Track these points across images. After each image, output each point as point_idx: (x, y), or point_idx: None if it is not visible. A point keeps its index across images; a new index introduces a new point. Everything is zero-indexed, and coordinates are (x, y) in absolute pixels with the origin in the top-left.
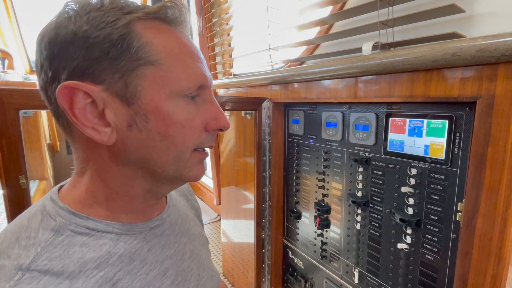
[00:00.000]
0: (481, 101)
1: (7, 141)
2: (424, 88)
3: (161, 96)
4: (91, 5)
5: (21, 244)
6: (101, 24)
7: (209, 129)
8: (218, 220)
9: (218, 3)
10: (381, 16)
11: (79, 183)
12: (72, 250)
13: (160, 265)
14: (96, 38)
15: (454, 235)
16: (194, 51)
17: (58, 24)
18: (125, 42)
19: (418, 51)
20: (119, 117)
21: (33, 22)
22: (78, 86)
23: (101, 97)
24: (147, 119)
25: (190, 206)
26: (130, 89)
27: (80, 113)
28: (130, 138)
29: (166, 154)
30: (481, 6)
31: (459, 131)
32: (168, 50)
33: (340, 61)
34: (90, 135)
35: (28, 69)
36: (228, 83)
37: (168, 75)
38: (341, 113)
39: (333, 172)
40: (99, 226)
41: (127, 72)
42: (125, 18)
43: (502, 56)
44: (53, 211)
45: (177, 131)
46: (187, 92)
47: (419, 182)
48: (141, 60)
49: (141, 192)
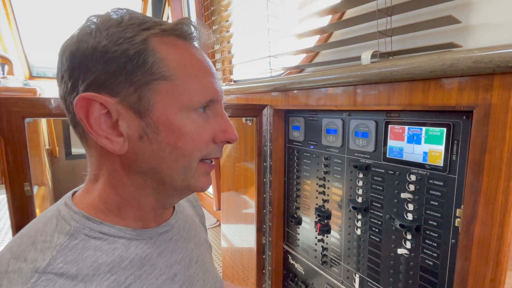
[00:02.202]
0: (477, 110)
1: (13, 149)
2: (422, 97)
3: (173, 110)
4: (112, 21)
5: (37, 247)
6: (119, 40)
7: (217, 141)
8: (217, 225)
9: (219, 11)
10: (380, 25)
11: (92, 189)
12: (86, 254)
13: (169, 270)
14: (114, 53)
15: (453, 241)
16: (207, 66)
17: (79, 38)
18: (140, 58)
19: (416, 61)
20: (132, 128)
21: (32, 28)
22: (94, 98)
23: (116, 108)
24: (158, 131)
25: (195, 212)
26: (143, 102)
27: (95, 123)
28: (141, 149)
29: (175, 165)
30: (477, 18)
31: (457, 138)
32: (181, 66)
33: (340, 70)
34: (103, 144)
35: (28, 75)
36: (229, 89)
37: (180, 90)
38: (341, 120)
39: (334, 178)
40: (111, 230)
41: (141, 86)
42: (142, 34)
43: (497, 67)
44: (67, 216)
45: (186, 143)
46: (197, 106)
47: (418, 188)
48: (155, 75)
49: (150, 202)
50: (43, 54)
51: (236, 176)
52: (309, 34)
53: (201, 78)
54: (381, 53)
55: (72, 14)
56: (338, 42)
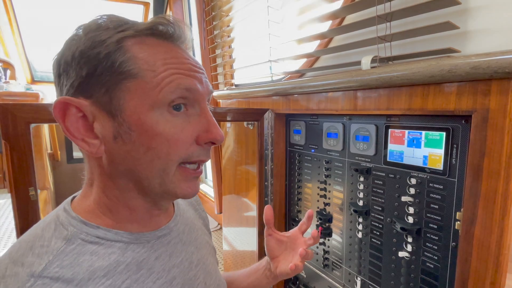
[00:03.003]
0: (476, 115)
1: (18, 154)
2: (421, 101)
3: (144, 108)
4: (92, 26)
5: (35, 252)
6: (94, 43)
7: (200, 141)
8: (218, 229)
9: (220, 16)
10: (379, 31)
11: (89, 193)
12: (82, 259)
13: (167, 274)
14: (88, 57)
15: (454, 243)
16: (185, 62)
17: (66, 46)
18: (110, 59)
19: (415, 67)
20: (106, 130)
21: (35, 32)
22: (69, 101)
23: (90, 111)
24: (131, 131)
25: (198, 215)
26: (114, 102)
27: (71, 126)
28: (116, 150)
29: (150, 167)
30: (475, 23)
31: (456, 142)
32: (151, 63)
33: (341, 74)
34: (81, 146)
35: (30, 79)
36: (230, 94)
37: (149, 87)
38: (342, 124)
39: (335, 181)
40: (108, 235)
41: (111, 86)
42: (115, 36)
43: (495, 73)
44: (65, 221)
45: (161, 144)
46: (167, 102)
47: (419, 192)
48: (124, 74)
49: (139, 204)
50: (45, 59)
51: (237, 180)
52: (310, 39)
53: (174, 74)
54: (380, 58)
55: (74, 18)
56: (338, 47)
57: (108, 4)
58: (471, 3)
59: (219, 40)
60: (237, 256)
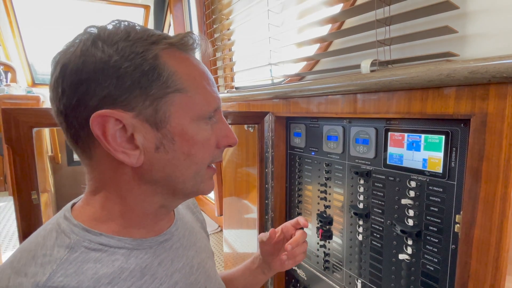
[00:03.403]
0: (474, 119)
1: (20, 158)
2: (421, 105)
3: (186, 120)
4: (118, 35)
5: (37, 262)
6: (131, 55)
7: (220, 145)
8: (219, 231)
9: (220, 19)
10: (379, 35)
11: (93, 201)
12: (86, 266)
13: (169, 279)
14: (127, 68)
15: (453, 246)
16: (209, 76)
17: (83, 52)
18: (155, 72)
19: (414, 71)
20: (148, 140)
21: (36, 35)
22: (111, 114)
23: (131, 123)
24: (174, 141)
25: (195, 218)
26: (159, 115)
27: (112, 139)
28: (157, 159)
29: (188, 172)
30: (473, 28)
31: (455, 146)
32: (191, 78)
33: (340, 78)
34: (121, 159)
35: (31, 82)
36: (231, 97)
37: (192, 101)
38: (342, 127)
39: (335, 184)
40: (111, 242)
41: (157, 99)
42: (152, 48)
43: (493, 78)
44: (67, 229)
45: (198, 150)
46: (207, 115)
47: (419, 195)
48: (170, 88)
49: (155, 208)
50: (46, 61)
51: (237, 182)
52: (310, 42)
53: (208, 89)
54: (380, 61)
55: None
56: (338, 50)
57: (109, 7)
58: (469, 7)
59: (220, 43)
60: (238, 258)
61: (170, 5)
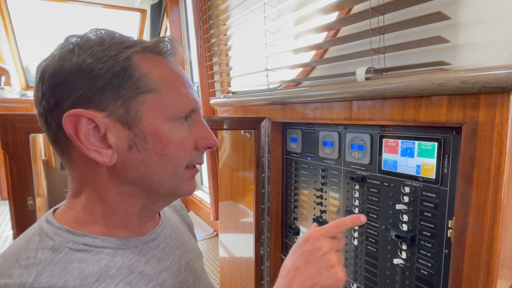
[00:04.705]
0: (466, 127)
1: (17, 164)
2: (414, 113)
3: (159, 120)
4: (93, 41)
5: (22, 264)
6: (104, 58)
7: (199, 147)
8: (214, 235)
9: (217, 25)
10: (373, 43)
11: (75, 204)
12: (71, 266)
13: (157, 277)
14: (100, 70)
15: (447, 251)
16: (185, 78)
17: (61, 57)
18: (126, 73)
19: (407, 80)
20: (120, 140)
21: (30, 39)
22: (82, 113)
23: (104, 122)
24: (146, 140)
25: (183, 221)
26: (131, 114)
27: (84, 137)
28: (130, 158)
29: (163, 172)
30: (464, 37)
31: (448, 152)
32: (164, 79)
33: (336, 86)
34: (93, 157)
35: (25, 85)
36: (227, 102)
37: (165, 101)
38: (337, 133)
39: (331, 189)
40: (96, 242)
41: (129, 99)
42: (125, 52)
43: (483, 88)
44: (50, 232)
45: (173, 150)
46: (181, 115)
47: (412, 200)
48: (141, 88)
49: (137, 209)
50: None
51: (234, 186)
52: (306, 49)
53: (183, 90)
54: (375, 69)
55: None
56: (334, 58)
57: (105, 12)
58: (461, 18)
59: (216, 48)
60: (234, 263)
61: (166, 9)
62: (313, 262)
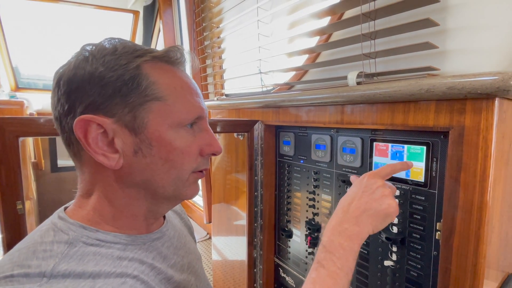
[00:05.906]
0: (453, 132)
1: (6, 168)
2: (403, 117)
3: (164, 127)
4: (106, 50)
5: (39, 256)
6: (115, 67)
7: (204, 154)
8: (207, 238)
9: (210, 28)
10: (364, 48)
11: (85, 204)
12: (86, 259)
13: (165, 272)
14: (110, 78)
15: (435, 253)
16: (193, 87)
17: (76, 65)
18: (135, 82)
19: (396, 86)
20: (127, 145)
21: (20, 39)
22: (92, 119)
23: (112, 128)
24: (151, 146)
25: (183, 223)
26: (137, 121)
27: (93, 141)
28: (136, 163)
29: (167, 176)
30: (452, 44)
31: (436, 156)
32: (171, 88)
33: (328, 90)
34: (101, 161)
35: (14, 86)
36: (220, 105)
37: (171, 109)
38: (329, 136)
39: (323, 191)
40: (108, 237)
41: (136, 106)
42: (135, 61)
43: (468, 94)
44: (64, 227)
45: (177, 156)
46: (186, 122)
47: (402, 203)
48: (149, 96)
49: (143, 211)
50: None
51: (227, 189)
52: (298, 53)
53: (189, 99)
54: (366, 74)
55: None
56: (326, 62)
57: (97, 12)
58: (449, 25)
59: (210, 51)
60: (227, 265)
61: (159, 11)
62: (369, 192)
